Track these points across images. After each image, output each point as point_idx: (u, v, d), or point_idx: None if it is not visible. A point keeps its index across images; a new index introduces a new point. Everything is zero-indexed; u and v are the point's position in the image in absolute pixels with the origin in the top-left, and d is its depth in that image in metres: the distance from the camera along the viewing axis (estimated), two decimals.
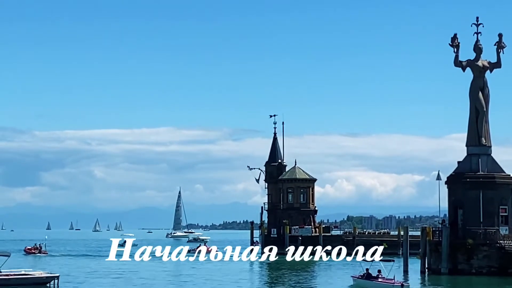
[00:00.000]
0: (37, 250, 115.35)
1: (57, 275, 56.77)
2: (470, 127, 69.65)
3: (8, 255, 57.37)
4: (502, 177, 68.66)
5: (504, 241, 65.98)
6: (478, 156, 68.89)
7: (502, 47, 69.94)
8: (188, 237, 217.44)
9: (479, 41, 70.20)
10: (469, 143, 69.62)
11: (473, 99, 69.47)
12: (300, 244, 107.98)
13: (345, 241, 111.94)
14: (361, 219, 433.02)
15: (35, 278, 55.97)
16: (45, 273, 58.09)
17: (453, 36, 69.32)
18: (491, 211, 67.41)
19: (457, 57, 69.43)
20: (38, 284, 55.47)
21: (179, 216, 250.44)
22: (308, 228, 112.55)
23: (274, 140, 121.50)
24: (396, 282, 51.53)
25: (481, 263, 65.59)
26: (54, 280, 56.01)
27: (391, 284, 51.29)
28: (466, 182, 68.10)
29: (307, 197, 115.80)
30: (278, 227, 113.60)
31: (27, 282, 55.17)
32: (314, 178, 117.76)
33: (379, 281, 52.64)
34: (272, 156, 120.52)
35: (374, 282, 52.90)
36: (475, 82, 69.69)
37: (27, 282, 55.17)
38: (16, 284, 54.36)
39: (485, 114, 69.42)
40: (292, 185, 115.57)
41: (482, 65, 69.71)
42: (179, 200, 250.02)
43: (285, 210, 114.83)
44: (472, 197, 67.49)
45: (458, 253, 66.24)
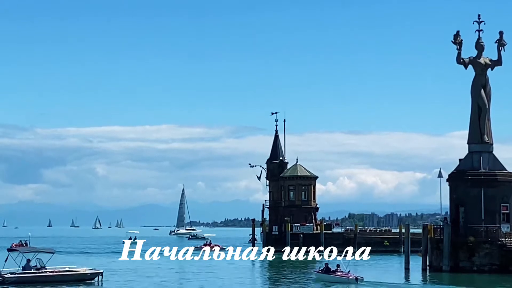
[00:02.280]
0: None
1: (101, 271, 57.66)
2: (472, 125, 69.58)
3: (53, 252, 58.14)
4: (504, 175, 68.59)
5: (505, 239, 65.92)
6: (480, 154, 68.83)
7: (503, 44, 69.80)
8: (189, 235, 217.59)
9: (480, 39, 70.09)
10: (470, 140, 69.56)
11: (475, 96, 69.39)
12: (301, 242, 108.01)
13: (347, 239, 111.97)
14: (363, 216, 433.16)
15: (79, 275, 56.76)
16: (90, 270, 58.71)
17: (455, 34, 69.21)
18: (493, 209, 67.35)
19: (459, 54, 69.32)
20: (82, 280, 56.12)
21: (182, 214, 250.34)
22: (309, 225, 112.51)
23: (275, 137, 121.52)
24: (351, 275, 56.16)
25: (483, 261, 65.54)
26: (98, 276, 56.84)
27: (346, 277, 56.00)
28: (468, 179, 68.04)
29: (309, 194, 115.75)
30: (280, 224, 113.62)
31: (71, 279, 55.92)
32: (315, 176, 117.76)
33: (337, 274, 57.04)
34: (274, 153, 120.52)
35: (332, 276, 57.23)
36: (477, 80, 69.61)
37: (71, 279, 55.92)
38: (61, 281, 55.01)
39: (487, 111, 69.38)
40: (293, 183, 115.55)
41: (484, 63, 69.63)
42: (182, 197, 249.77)
43: (287, 207, 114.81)
44: (473, 194, 67.43)
45: (460, 251, 66.20)
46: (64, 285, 54.06)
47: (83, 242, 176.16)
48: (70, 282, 55.21)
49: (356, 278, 55.60)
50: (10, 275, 54.44)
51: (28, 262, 55.60)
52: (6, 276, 54.20)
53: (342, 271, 57.54)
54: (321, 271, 59.33)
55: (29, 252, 56.94)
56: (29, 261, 55.69)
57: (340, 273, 57.15)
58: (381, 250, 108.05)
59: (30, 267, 55.37)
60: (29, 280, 54.26)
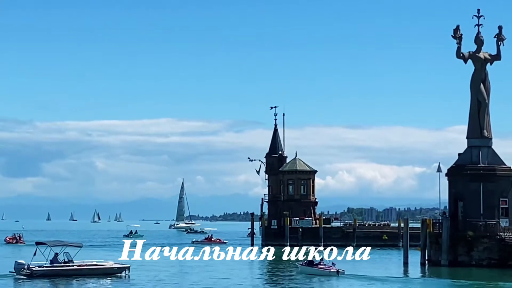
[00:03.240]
0: (14, 240, 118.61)
1: (128, 266, 58.22)
2: (471, 119, 69.64)
3: (81, 246, 58.62)
4: (503, 170, 68.69)
5: (504, 233, 66.07)
6: (479, 148, 68.91)
7: (502, 39, 69.84)
8: (188, 228, 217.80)
9: (480, 33, 70.11)
10: (469, 135, 69.63)
11: (474, 91, 69.43)
12: (300, 236, 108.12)
13: (345, 233, 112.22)
14: (362, 211, 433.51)
15: (107, 269, 57.35)
16: (116, 264, 59.35)
17: (455, 28, 69.21)
18: (492, 204, 67.46)
19: (459, 49, 69.32)
20: (109, 274, 56.59)
21: (182, 208, 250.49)
22: (308, 219, 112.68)
23: (274, 131, 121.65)
24: (332, 268, 58.34)
25: (481, 255, 65.69)
26: (125, 270, 57.38)
27: (328, 270, 58.21)
28: (467, 174, 68.13)
29: (308, 188, 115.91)
30: (279, 218, 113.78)
31: (99, 273, 56.43)
32: (314, 170, 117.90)
33: (319, 267, 59.11)
34: (273, 147, 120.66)
35: (314, 269, 59.25)
36: (477, 74, 69.64)
37: (99, 273, 56.43)
38: (89, 274, 55.48)
39: (487, 106, 69.43)
40: (292, 177, 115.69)
41: (484, 57, 69.67)
42: (182, 191, 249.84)
43: (286, 201, 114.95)
44: (472, 189, 67.53)
45: (458, 245, 66.33)
46: (91, 279, 54.52)
47: (82, 236, 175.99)
48: (97, 276, 55.73)
49: (337, 271, 57.80)
50: (38, 268, 55.09)
51: (55, 256, 56.20)
52: (34, 269, 54.88)
53: (325, 264, 59.64)
54: (304, 264, 61.43)
55: (56, 245, 57.46)
56: (56, 255, 56.29)
57: (323, 266, 59.21)
58: (380, 244, 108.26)
59: (57, 260, 55.97)
60: (57, 274, 54.89)
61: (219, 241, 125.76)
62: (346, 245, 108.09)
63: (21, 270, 55.03)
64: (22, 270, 54.95)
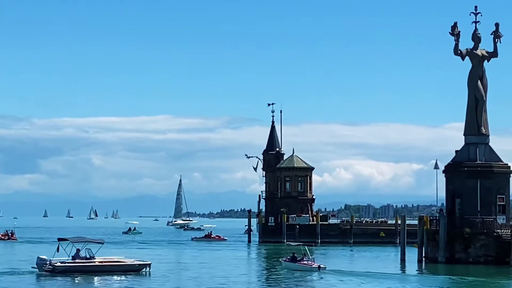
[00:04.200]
0: (6, 237, 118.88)
1: (149, 263, 58.41)
2: (468, 116, 69.63)
3: (102, 243, 58.76)
4: (500, 167, 68.71)
5: (501, 230, 66.11)
6: (476, 145, 68.93)
7: (498, 36, 69.80)
8: (185, 225, 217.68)
9: (477, 30, 70.08)
10: (467, 132, 69.63)
11: (472, 88, 69.40)
12: (297, 233, 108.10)
13: (343, 230, 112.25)
14: (359, 208, 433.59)
15: (128, 266, 57.56)
16: (138, 261, 59.53)
17: (453, 25, 69.19)
18: (489, 200, 67.46)
19: (457, 45, 69.27)
20: (130, 271, 56.72)
21: (179, 204, 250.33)
22: (305, 216, 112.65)
23: (272, 128, 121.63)
24: (314, 264, 59.95)
25: (478, 252, 65.73)
26: (146, 267, 57.57)
27: (309, 266, 59.81)
28: (464, 171, 68.14)
29: (305, 185, 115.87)
30: (276, 215, 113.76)
31: (120, 269, 56.59)
32: (312, 167, 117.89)
33: (302, 263, 60.69)
34: (270, 144, 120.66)
35: (297, 264, 60.87)
36: (474, 71, 69.62)
37: (120, 269, 56.59)
38: (110, 271, 55.64)
39: (484, 103, 69.43)
40: (290, 174, 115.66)
41: (481, 54, 69.65)
42: (179, 188, 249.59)
43: (283, 198, 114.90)
44: (469, 186, 67.53)
45: (456, 242, 66.37)
46: (113, 276, 54.71)
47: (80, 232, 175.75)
48: (119, 272, 55.91)
49: (318, 267, 59.40)
50: (60, 264, 55.31)
51: (77, 252, 56.42)
52: (56, 265, 55.15)
53: (307, 260, 61.22)
54: (287, 259, 62.93)
55: (78, 242, 57.70)
56: (78, 251, 56.51)
57: (305, 262, 60.81)
58: (377, 241, 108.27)
59: (79, 256, 56.20)
60: (79, 270, 55.16)
61: (219, 238, 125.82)
62: (343, 242, 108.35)
63: (43, 266, 55.46)
64: (44, 266, 55.38)
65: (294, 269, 60.47)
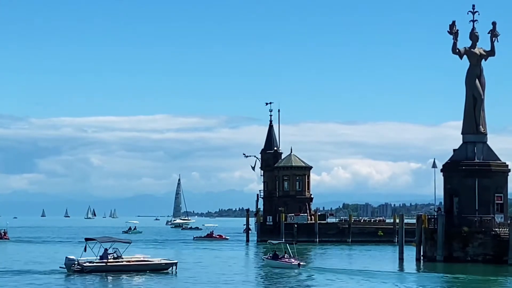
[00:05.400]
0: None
1: (176, 262, 58.82)
2: (466, 115, 69.66)
3: (130, 242, 59.24)
4: (498, 165, 68.75)
5: (499, 229, 66.14)
6: (474, 144, 68.96)
7: (496, 35, 69.84)
8: (183, 225, 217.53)
9: (475, 29, 70.12)
10: (465, 131, 69.66)
11: (470, 87, 69.42)
12: (295, 232, 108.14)
13: (341, 229, 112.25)
14: (357, 207, 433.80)
15: (155, 264, 57.92)
16: (164, 260, 59.97)
17: (451, 24, 69.22)
18: (487, 199, 67.51)
19: (455, 44, 69.29)
20: (157, 270, 57.08)
21: (178, 204, 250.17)
22: (303, 215, 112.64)
23: (270, 127, 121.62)
24: (294, 261, 61.75)
25: (477, 251, 65.76)
26: (172, 266, 57.92)
27: (289, 263, 61.44)
28: (462, 170, 68.17)
29: (303, 184, 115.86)
30: (274, 214, 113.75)
31: (147, 268, 56.98)
32: (310, 166, 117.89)
33: (282, 260, 62.34)
34: (268, 143, 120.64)
35: (277, 262, 62.49)
36: (472, 70, 69.64)
37: (147, 268, 56.98)
38: (137, 270, 56.10)
39: (482, 102, 69.47)
40: (288, 173, 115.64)
41: (479, 53, 69.69)
42: (178, 187, 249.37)
43: (281, 197, 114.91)
44: (467, 185, 67.56)
45: (454, 241, 66.39)
46: (140, 275, 55.05)
47: (77, 232, 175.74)
48: (146, 271, 56.25)
49: (298, 264, 61.13)
50: (89, 264, 55.65)
51: (105, 252, 56.81)
52: (85, 264, 55.48)
53: (288, 257, 62.99)
54: (269, 257, 64.75)
55: (106, 241, 58.20)
56: (106, 251, 56.90)
57: (286, 260, 62.46)
58: (375, 240, 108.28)
59: (107, 256, 56.53)
60: (107, 269, 55.49)
61: (221, 237, 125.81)
62: (342, 241, 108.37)
63: (71, 266, 55.78)
64: (73, 266, 55.70)
65: (275, 266, 61.96)
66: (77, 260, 56.10)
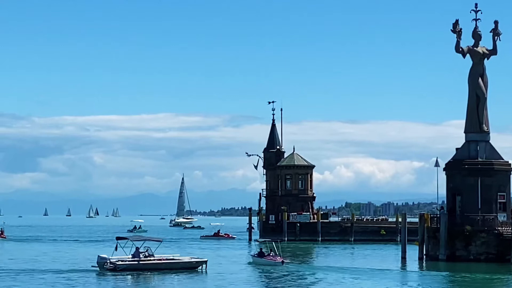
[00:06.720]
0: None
1: (205, 260, 59.38)
2: (469, 114, 69.57)
3: (161, 241, 60.48)
4: (501, 164, 68.67)
5: (502, 228, 66.08)
6: (477, 143, 68.87)
7: (498, 34, 69.74)
8: (184, 225, 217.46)
9: (478, 28, 70.03)
10: (467, 129, 69.57)
11: (473, 85, 69.34)
12: (298, 231, 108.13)
13: (343, 228, 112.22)
14: (359, 205, 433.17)
15: (185, 263, 58.51)
16: (195, 258, 60.57)
17: (454, 22, 69.05)
18: (489, 198, 67.42)
19: (458, 43, 69.14)
20: (188, 268, 57.59)
21: (182, 203, 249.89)
22: (306, 214, 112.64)
23: (272, 126, 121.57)
24: (278, 259, 63.50)
25: (479, 249, 65.70)
26: (202, 265, 58.37)
27: (274, 261, 63.26)
28: (465, 168, 68.08)
29: (306, 183, 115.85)
30: (276, 213, 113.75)
31: (177, 267, 57.54)
32: (312, 165, 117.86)
33: (267, 258, 64.34)
34: (271, 142, 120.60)
35: (263, 259, 64.54)
36: (475, 69, 69.55)
37: (177, 267, 57.54)
38: (168, 268, 56.64)
39: (485, 100, 69.42)
40: (290, 172, 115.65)
41: (482, 52, 69.62)
42: (182, 186, 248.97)
43: (283, 196, 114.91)
44: (470, 183, 67.48)
45: (456, 240, 66.32)
46: (172, 273, 55.44)
47: (79, 231, 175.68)
48: (176, 270, 56.73)
49: (282, 261, 62.93)
50: (121, 262, 56.14)
51: (137, 250, 57.16)
52: (118, 263, 55.93)
53: (273, 255, 64.67)
54: (256, 255, 66.72)
55: (138, 240, 58.67)
56: (138, 249, 57.22)
57: (270, 257, 64.28)
58: (378, 239, 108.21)
59: (139, 255, 56.93)
60: (139, 268, 55.98)
61: (228, 236, 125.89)
62: (344, 240, 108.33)
63: (104, 265, 56.18)
64: (105, 265, 56.08)
65: (260, 264, 63.96)
66: (109, 258, 56.50)
